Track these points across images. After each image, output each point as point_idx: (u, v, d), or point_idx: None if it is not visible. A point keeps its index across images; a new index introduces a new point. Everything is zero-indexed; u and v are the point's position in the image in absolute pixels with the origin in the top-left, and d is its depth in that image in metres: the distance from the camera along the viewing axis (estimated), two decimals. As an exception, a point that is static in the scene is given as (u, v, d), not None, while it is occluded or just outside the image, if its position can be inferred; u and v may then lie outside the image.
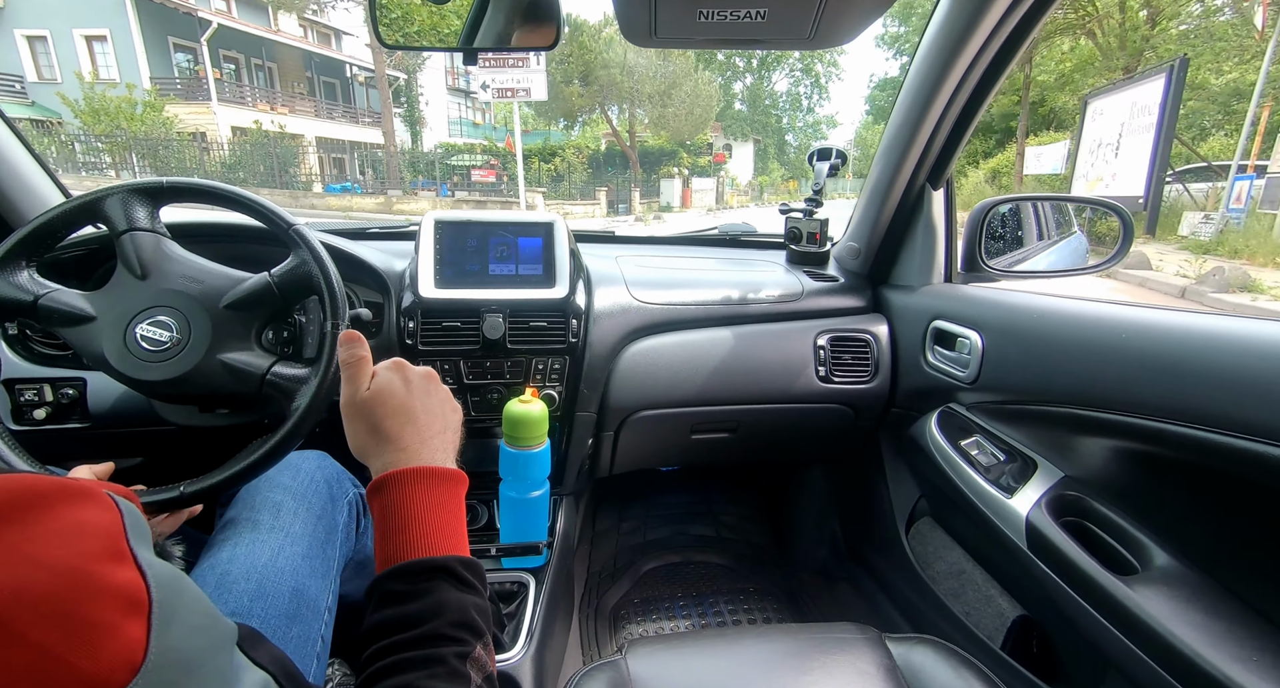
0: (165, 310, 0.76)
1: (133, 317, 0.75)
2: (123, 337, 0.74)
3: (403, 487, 0.52)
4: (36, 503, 0.26)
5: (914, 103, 1.02)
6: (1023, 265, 1.22)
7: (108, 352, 0.74)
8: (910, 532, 1.18)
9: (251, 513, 0.72)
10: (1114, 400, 0.75)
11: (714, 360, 1.17)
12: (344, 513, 0.80)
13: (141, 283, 0.77)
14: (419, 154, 19.08)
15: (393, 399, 0.57)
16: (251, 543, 0.68)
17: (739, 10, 0.81)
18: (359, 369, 0.58)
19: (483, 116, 29.10)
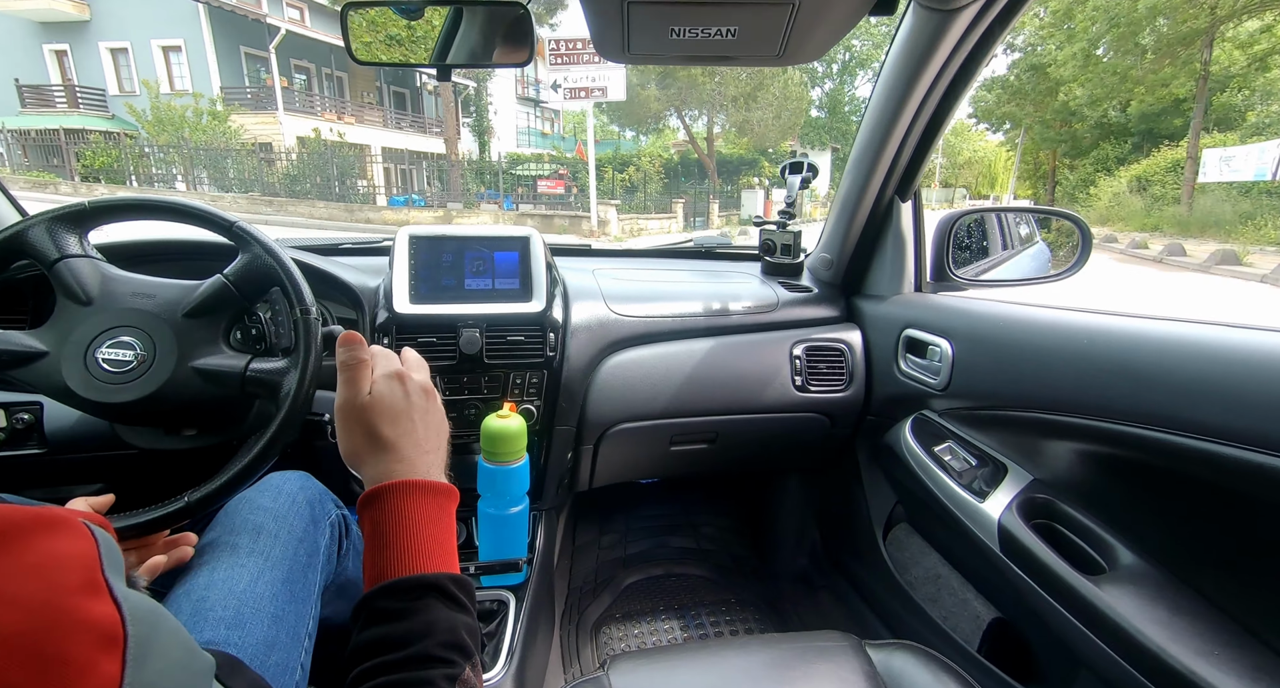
0: (124, 330, 0.74)
1: (90, 342, 0.73)
2: (84, 364, 0.72)
3: (400, 498, 0.51)
4: (10, 534, 0.25)
5: (880, 119, 1.05)
6: (989, 274, 1.26)
7: (71, 382, 0.71)
8: (888, 538, 1.19)
9: (231, 536, 0.70)
10: (1077, 405, 0.77)
11: (692, 372, 1.18)
12: (326, 535, 0.79)
13: (89, 308, 0.74)
14: (485, 164, 17.80)
15: (393, 408, 0.56)
16: (230, 567, 0.66)
17: (710, 28, 0.83)
18: (359, 372, 0.57)
19: (551, 126, 27.95)
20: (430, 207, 14.94)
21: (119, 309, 0.75)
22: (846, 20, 0.83)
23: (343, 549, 0.82)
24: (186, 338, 0.76)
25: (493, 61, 0.94)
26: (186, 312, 0.77)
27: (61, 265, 0.74)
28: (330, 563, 0.78)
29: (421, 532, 0.50)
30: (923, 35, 0.89)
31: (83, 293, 0.74)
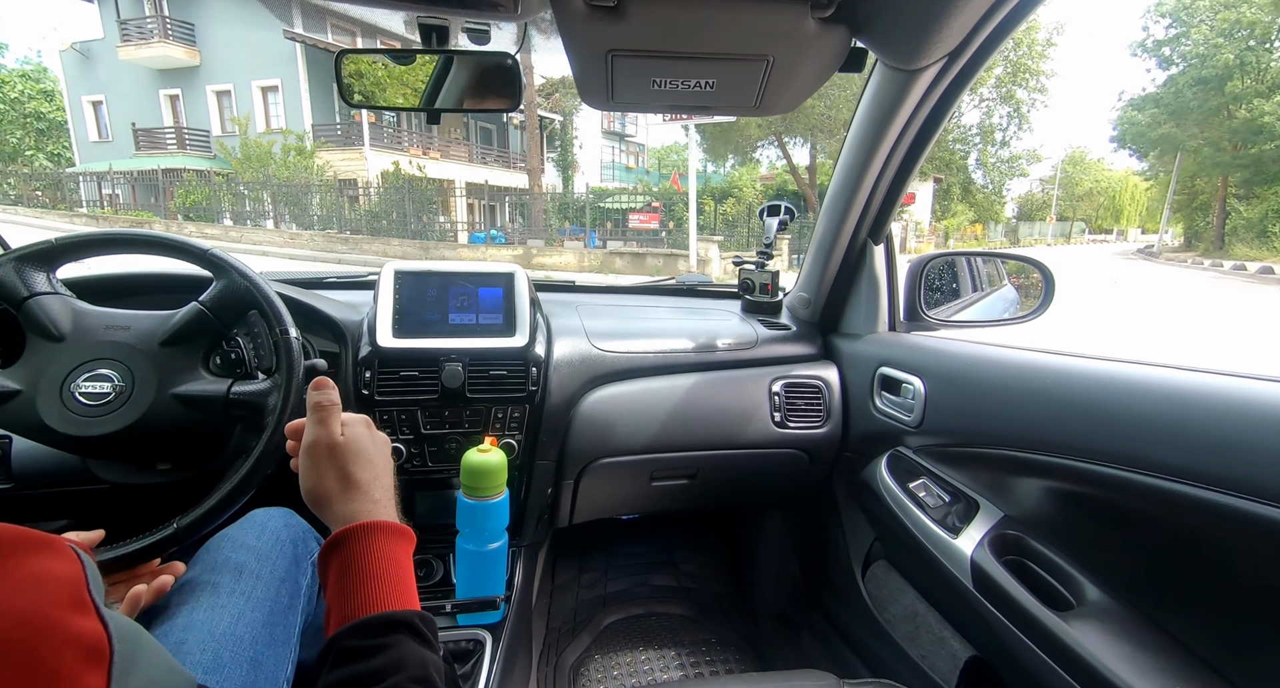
0: (101, 363, 0.75)
1: (65, 377, 0.73)
2: (60, 399, 0.72)
3: (372, 539, 0.52)
4: (3, 550, 0.26)
5: (851, 168, 1.10)
6: (959, 315, 1.30)
7: (48, 418, 0.71)
8: (866, 575, 1.20)
9: (212, 575, 0.69)
10: (1043, 443, 0.80)
11: (673, 407, 1.19)
12: (308, 574, 0.77)
13: (62, 344, 0.75)
14: (569, 199, 16.89)
15: (366, 451, 0.58)
16: (210, 608, 0.65)
17: (690, 80, 0.87)
18: (331, 413, 0.59)
19: (635, 160, 27.53)
20: (510, 244, 14.28)
21: (94, 343, 0.76)
22: (818, 75, 0.88)
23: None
24: (165, 367, 0.77)
25: (480, 106, 0.97)
26: (163, 340, 0.77)
27: (31, 303, 0.74)
28: (311, 603, 0.77)
29: (391, 572, 0.51)
30: (888, 93, 0.94)
31: (54, 329, 0.75)
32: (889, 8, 0.75)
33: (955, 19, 0.73)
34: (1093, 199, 41.06)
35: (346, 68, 0.96)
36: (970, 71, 0.88)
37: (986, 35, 0.79)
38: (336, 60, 0.93)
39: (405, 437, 1.06)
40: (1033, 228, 36.65)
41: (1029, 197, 39.68)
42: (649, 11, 0.73)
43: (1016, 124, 23.67)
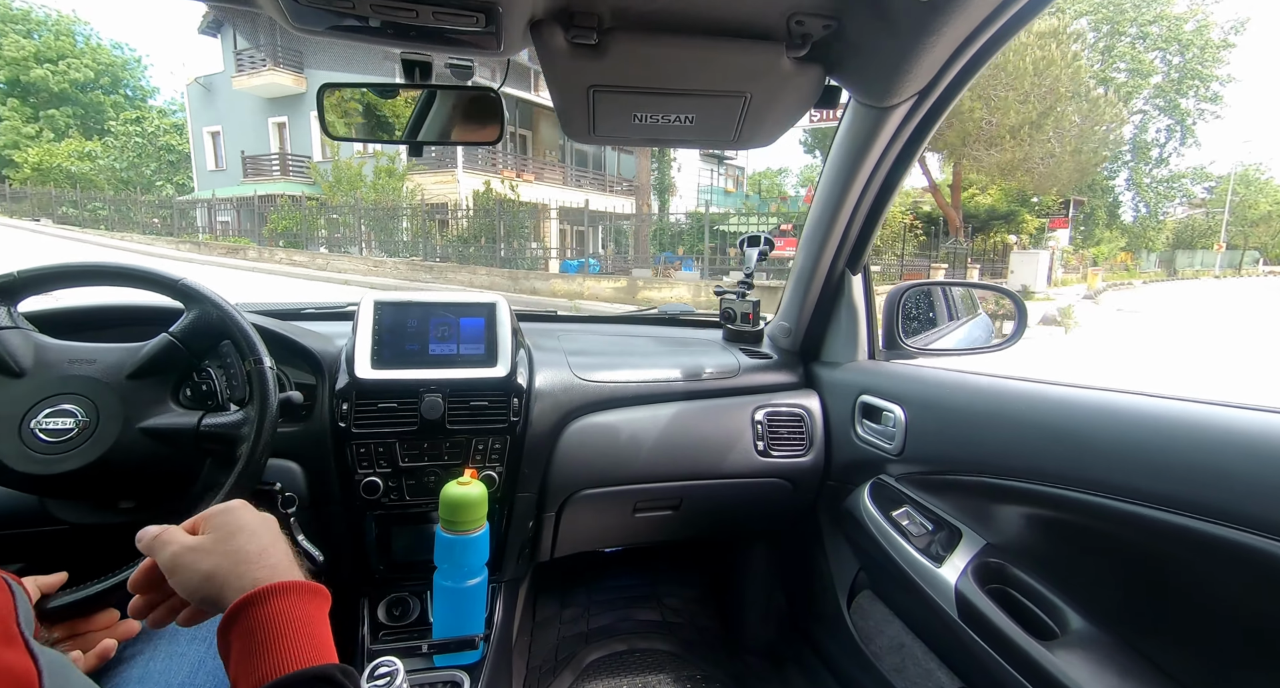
0: (64, 398, 0.73)
1: (25, 414, 0.71)
2: (18, 436, 0.69)
3: (276, 600, 0.47)
4: None
5: (828, 200, 1.13)
6: (936, 344, 1.32)
7: (4, 457, 0.68)
8: (852, 606, 1.18)
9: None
10: (1022, 470, 0.81)
11: (656, 437, 1.19)
12: None
13: (21, 380, 0.73)
14: (665, 224, 15.01)
15: (245, 527, 0.53)
16: (169, 656, 0.61)
17: (670, 115, 0.90)
18: (162, 538, 0.53)
19: (735, 184, 25.80)
20: (608, 273, 12.42)
21: (56, 377, 0.74)
22: (794, 111, 0.91)
23: None
24: (132, 400, 0.75)
25: (463, 139, 0.99)
26: (131, 373, 0.76)
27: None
28: None
29: (303, 631, 0.46)
30: (862, 128, 0.97)
31: (14, 364, 0.72)
32: (861, 49, 0.78)
33: (923, 59, 0.76)
34: (1269, 224, 35.24)
35: (329, 100, 0.97)
36: (940, 109, 0.91)
37: (955, 75, 0.82)
38: (319, 93, 0.93)
39: (383, 470, 1.03)
40: (1193, 257, 32.31)
41: (1189, 222, 34.55)
42: (629, 49, 0.75)
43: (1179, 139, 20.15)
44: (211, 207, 17.79)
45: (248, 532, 0.53)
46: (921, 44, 0.73)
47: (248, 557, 0.51)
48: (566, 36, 0.72)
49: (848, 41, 0.78)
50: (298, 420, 1.02)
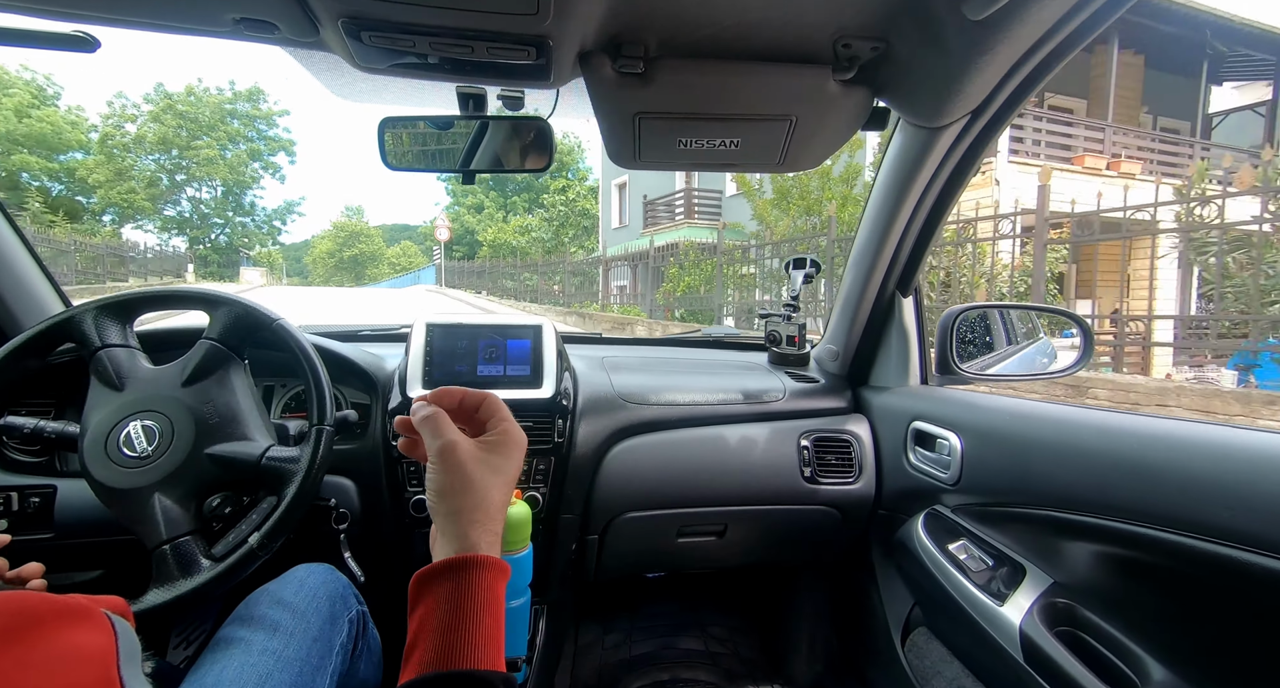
0: (148, 415, 0.78)
1: (112, 426, 0.76)
2: (103, 447, 0.75)
3: (487, 574, 0.45)
4: (30, 625, 0.25)
5: (877, 221, 1.11)
6: (994, 369, 1.27)
7: (92, 466, 0.74)
8: (906, 644, 1.12)
9: (247, 631, 0.69)
10: (1090, 503, 0.76)
11: (700, 461, 1.17)
12: (343, 633, 0.77)
13: (119, 394, 0.79)
14: None
15: (509, 471, 0.52)
16: (241, 667, 0.64)
17: (715, 140, 0.90)
18: (448, 428, 0.52)
19: None
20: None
21: (147, 396, 0.79)
22: (841, 133, 0.90)
23: (357, 649, 0.80)
24: (205, 425, 0.79)
25: (514, 167, 1.02)
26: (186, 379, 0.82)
27: (102, 353, 0.79)
28: (344, 664, 0.75)
29: (494, 618, 0.45)
30: (912, 149, 0.96)
31: (116, 380, 0.78)
32: (910, 69, 0.77)
33: (976, 79, 0.75)
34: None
35: (388, 133, 1.01)
36: (995, 127, 0.89)
37: (1009, 94, 0.80)
38: (380, 127, 0.98)
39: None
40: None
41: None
42: (674, 76, 0.77)
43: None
44: (605, 268, 13.60)
45: (506, 478, 0.51)
46: (973, 64, 0.72)
47: (490, 508, 0.49)
48: (614, 66, 0.74)
49: (896, 63, 0.77)
50: (354, 439, 1.06)
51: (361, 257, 45.10)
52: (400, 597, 0.50)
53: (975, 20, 0.65)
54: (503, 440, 0.53)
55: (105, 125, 29.16)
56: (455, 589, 0.44)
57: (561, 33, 0.69)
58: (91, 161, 27.84)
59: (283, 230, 39.51)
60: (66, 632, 0.26)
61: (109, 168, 28.33)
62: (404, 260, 46.44)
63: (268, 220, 38.08)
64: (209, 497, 0.80)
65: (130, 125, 29.93)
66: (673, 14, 0.70)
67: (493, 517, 0.49)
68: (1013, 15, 0.64)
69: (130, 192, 28.89)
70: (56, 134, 25.73)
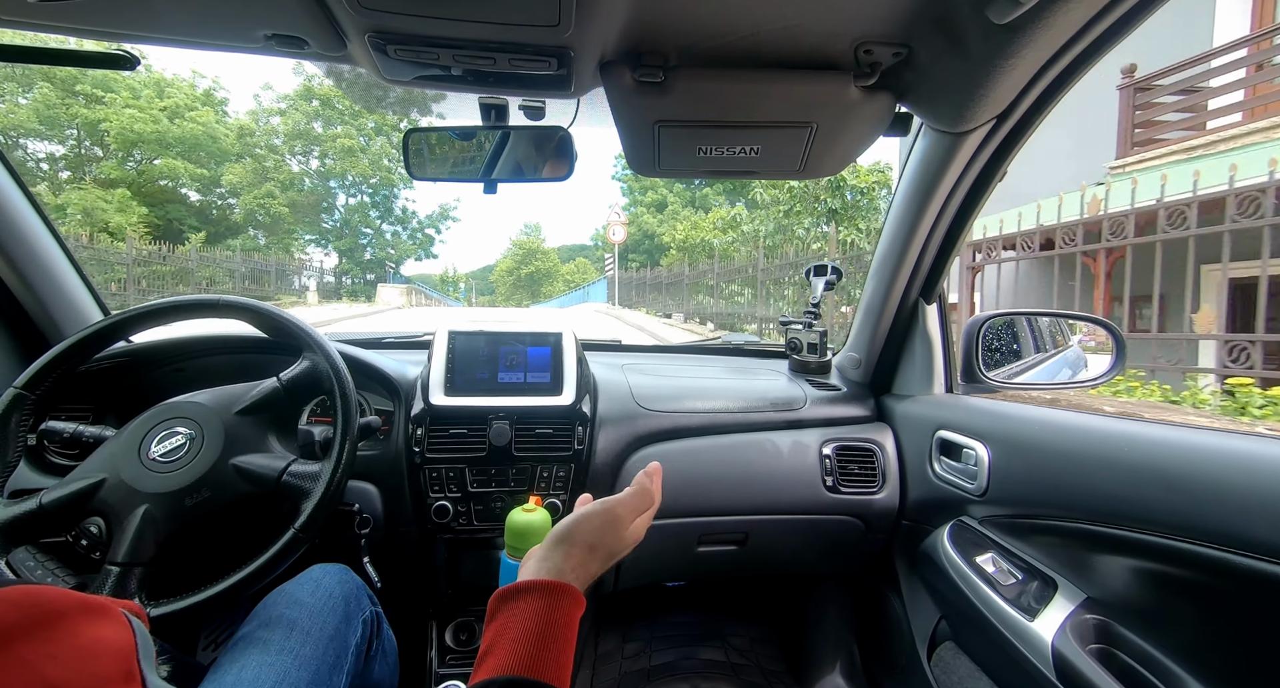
0: (180, 421, 0.80)
1: (148, 431, 0.79)
2: (137, 455, 0.77)
3: (573, 603, 0.51)
4: (55, 619, 0.26)
5: (900, 228, 1.09)
6: (1021, 377, 1.24)
7: (120, 465, 0.76)
8: (933, 659, 1.10)
9: (265, 631, 0.70)
10: (1126, 517, 0.73)
11: (720, 469, 1.16)
12: (357, 633, 0.78)
13: (155, 402, 0.83)
14: None
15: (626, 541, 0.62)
16: (259, 666, 0.66)
17: (734, 147, 0.90)
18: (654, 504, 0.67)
19: None
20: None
21: (180, 402, 0.82)
22: (863, 139, 0.90)
23: (371, 649, 0.81)
24: (234, 434, 0.82)
25: (536, 177, 1.03)
26: (241, 409, 0.84)
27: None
28: (358, 664, 0.76)
29: (570, 643, 0.50)
30: (935, 155, 0.95)
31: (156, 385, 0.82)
32: (933, 75, 0.77)
33: (1001, 83, 0.74)
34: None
35: (413, 144, 1.03)
36: (1020, 132, 0.88)
37: (1036, 97, 0.79)
38: (404, 138, 1.00)
39: (453, 495, 1.06)
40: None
41: None
42: (694, 85, 0.77)
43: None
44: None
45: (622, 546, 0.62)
46: (998, 68, 0.71)
47: (600, 557, 0.58)
48: (634, 75, 0.75)
49: (919, 68, 0.76)
50: (378, 444, 1.07)
51: (538, 274, 44.06)
52: (415, 602, 0.52)
53: (1000, 24, 0.64)
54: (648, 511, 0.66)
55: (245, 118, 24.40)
56: (546, 608, 0.49)
57: (582, 43, 0.70)
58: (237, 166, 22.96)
59: (436, 239, 31.89)
60: (89, 626, 0.27)
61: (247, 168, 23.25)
62: (577, 276, 44.94)
63: (420, 229, 31.08)
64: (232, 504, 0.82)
65: (275, 119, 25.11)
66: (692, 23, 0.70)
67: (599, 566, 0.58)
68: (1038, 19, 0.63)
69: (268, 196, 23.35)
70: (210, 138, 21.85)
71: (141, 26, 0.71)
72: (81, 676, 0.25)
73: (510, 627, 0.47)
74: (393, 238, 29.92)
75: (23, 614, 0.24)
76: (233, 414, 0.84)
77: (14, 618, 0.24)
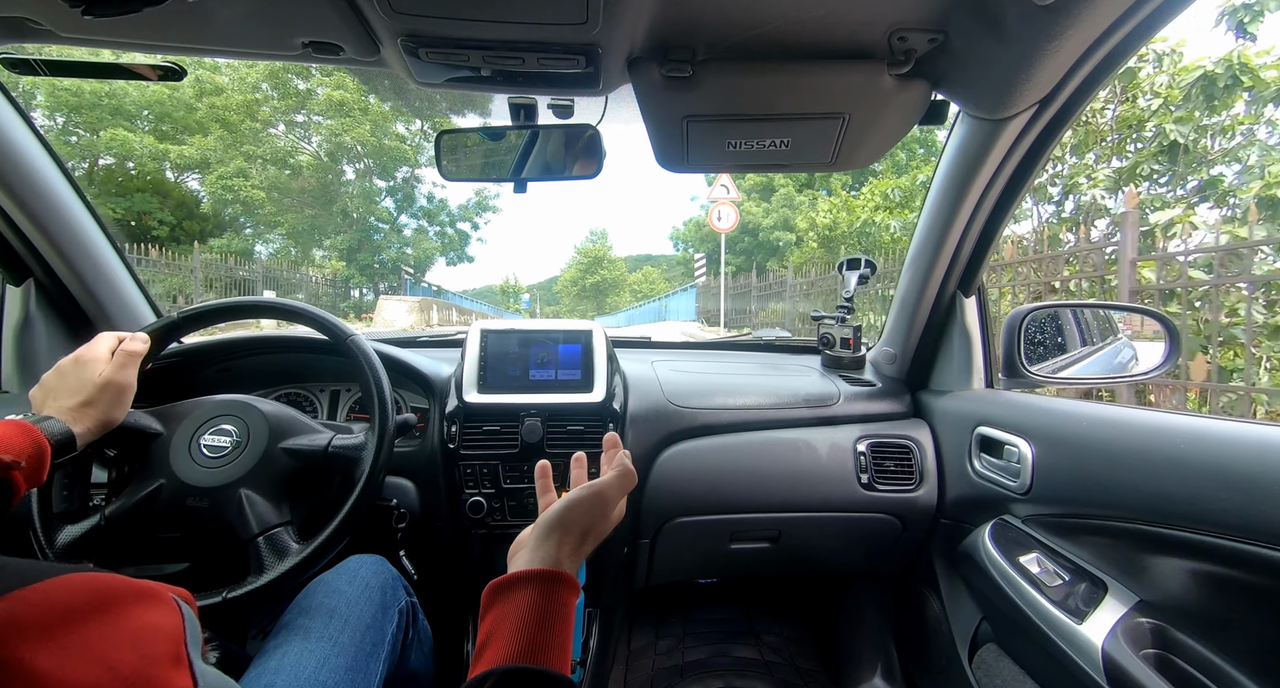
0: (226, 419, 0.84)
1: (197, 428, 0.82)
2: (188, 447, 0.81)
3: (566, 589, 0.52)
4: (113, 603, 0.27)
5: (936, 218, 1.06)
6: (1066, 372, 1.19)
7: (175, 465, 0.80)
8: (974, 660, 1.07)
9: (305, 619, 0.73)
10: (1182, 517, 0.70)
11: (752, 466, 1.15)
12: (393, 622, 0.80)
13: (203, 399, 0.86)
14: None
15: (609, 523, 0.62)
16: (300, 652, 0.68)
17: (764, 140, 0.89)
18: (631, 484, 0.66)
19: None
20: None
21: (223, 400, 0.85)
22: (896, 130, 0.88)
23: (408, 639, 0.82)
24: (276, 423, 0.84)
25: (565, 175, 1.03)
26: (279, 397, 0.87)
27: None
28: (394, 652, 0.78)
29: (567, 631, 0.50)
30: (974, 142, 0.92)
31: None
32: (971, 60, 0.74)
33: (1044, 67, 0.71)
34: None
35: (445, 145, 1.05)
36: (1065, 117, 0.84)
37: (1080, 81, 0.76)
38: (437, 140, 1.01)
39: (487, 490, 1.08)
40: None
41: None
42: (722, 78, 0.76)
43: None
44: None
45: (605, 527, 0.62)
46: (1041, 51, 0.68)
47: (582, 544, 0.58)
48: (662, 71, 0.74)
49: (956, 54, 0.74)
50: (413, 441, 1.09)
51: (603, 283, 40.90)
52: (451, 596, 0.53)
53: (1042, 5, 0.62)
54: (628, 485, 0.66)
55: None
56: (542, 596, 0.49)
57: (610, 40, 0.70)
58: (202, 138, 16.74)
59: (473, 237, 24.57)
60: (142, 611, 0.29)
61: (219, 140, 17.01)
62: (645, 286, 42.31)
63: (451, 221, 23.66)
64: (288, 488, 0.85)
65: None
66: (720, 16, 0.69)
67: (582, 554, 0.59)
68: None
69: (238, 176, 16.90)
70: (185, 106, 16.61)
71: (186, 38, 0.74)
72: (134, 657, 0.26)
73: (508, 617, 0.47)
74: (417, 235, 22.58)
75: (85, 599, 0.26)
76: (272, 401, 0.88)
77: (78, 603, 0.26)
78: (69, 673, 0.23)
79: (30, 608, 0.23)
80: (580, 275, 41.21)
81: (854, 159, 0.93)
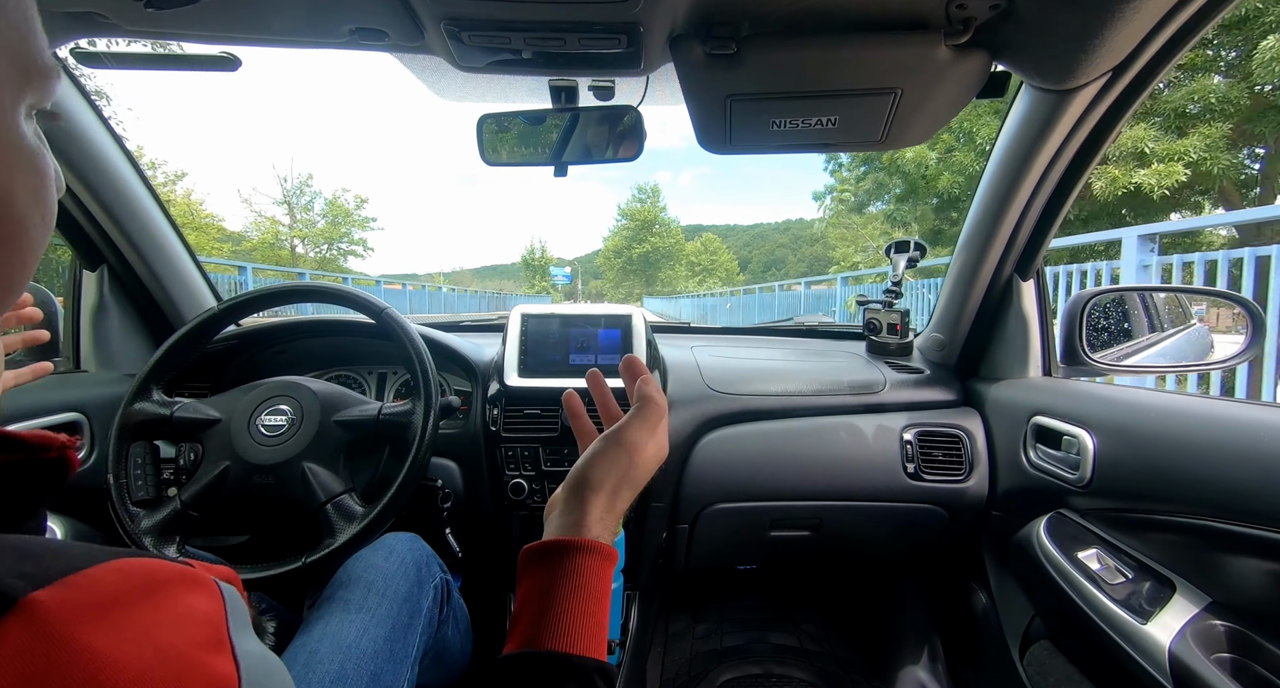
0: (281, 400, 0.88)
1: (253, 410, 0.87)
2: (247, 429, 0.85)
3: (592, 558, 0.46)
4: (161, 587, 0.28)
5: (994, 197, 1.01)
6: (1133, 359, 1.13)
7: (238, 447, 0.84)
8: (1025, 658, 1.03)
9: (344, 592, 0.75)
10: (1260, 514, 0.66)
11: (793, 453, 1.13)
12: (429, 597, 0.82)
13: (256, 382, 0.91)
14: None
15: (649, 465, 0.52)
16: (341, 622, 0.71)
17: (810, 119, 0.86)
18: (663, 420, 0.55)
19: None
20: None
21: (275, 382, 0.90)
22: (952, 105, 0.83)
23: (443, 614, 0.85)
24: (326, 400, 0.89)
25: (606, 158, 1.02)
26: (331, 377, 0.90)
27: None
28: (430, 627, 0.81)
29: (595, 603, 0.45)
30: (1038, 116, 0.86)
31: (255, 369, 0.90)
32: (1036, 27, 0.70)
33: (1119, 32, 0.66)
34: None
35: (486, 129, 1.05)
36: (1140, 87, 0.78)
37: (1161, 46, 0.70)
38: (478, 125, 1.02)
39: (527, 473, 1.10)
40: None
41: None
42: (768, 55, 0.73)
43: None
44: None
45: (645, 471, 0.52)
46: (1117, 14, 0.63)
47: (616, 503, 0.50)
48: (705, 49, 0.72)
49: (1020, 21, 0.70)
50: (456, 423, 1.12)
51: (654, 254, 33.18)
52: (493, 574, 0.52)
53: None
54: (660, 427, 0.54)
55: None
56: (551, 572, 0.45)
57: (652, 18, 0.68)
58: None
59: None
60: (185, 595, 0.29)
61: None
62: (705, 258, 35.00)
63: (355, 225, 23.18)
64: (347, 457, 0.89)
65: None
66: None
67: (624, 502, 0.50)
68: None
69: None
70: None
71: (239, 29, 0.76)
72: (179, 639, 0.27)
73: (531, 595, 0.44)
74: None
75: (135, 584, 0.27)
76: (323, 381, 0.93)
77: (129, 587, 0.27)
78: (121, 652, 0.24)
79: (82, 593, 0.24)
80: (625, 244, 33.92)
81: (905, 137, 0.89)
